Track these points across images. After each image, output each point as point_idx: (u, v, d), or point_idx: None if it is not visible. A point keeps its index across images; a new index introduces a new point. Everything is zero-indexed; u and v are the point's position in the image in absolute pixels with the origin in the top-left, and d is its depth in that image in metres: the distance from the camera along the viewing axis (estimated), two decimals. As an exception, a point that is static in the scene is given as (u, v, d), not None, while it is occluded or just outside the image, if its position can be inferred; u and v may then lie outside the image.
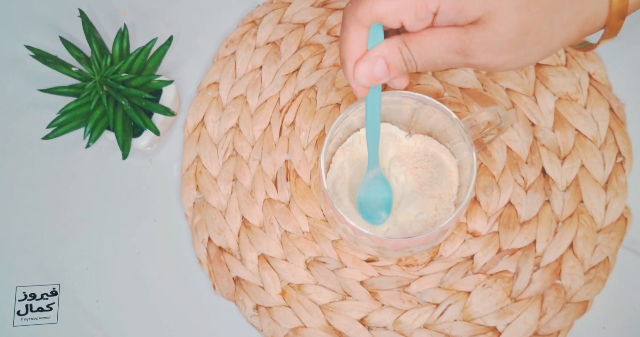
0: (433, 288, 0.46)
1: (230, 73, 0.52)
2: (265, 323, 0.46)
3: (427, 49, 0.31)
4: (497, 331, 0.45)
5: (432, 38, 0.31)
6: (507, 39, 0.30)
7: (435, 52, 0.31)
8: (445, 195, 0.44)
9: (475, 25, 0.30)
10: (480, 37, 0.30)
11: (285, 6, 0.53)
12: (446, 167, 0.44)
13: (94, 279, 0.48)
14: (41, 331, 0.47)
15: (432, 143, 0.45)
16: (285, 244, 0.47)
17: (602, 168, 0.47)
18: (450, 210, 0.43)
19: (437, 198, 0.44)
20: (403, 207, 0.44)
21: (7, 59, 0.53)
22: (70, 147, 0.51)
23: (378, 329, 0.45)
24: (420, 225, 0.43)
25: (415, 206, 0.43)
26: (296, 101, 0.50)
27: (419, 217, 0.43)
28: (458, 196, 0.44)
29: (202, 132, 0.50)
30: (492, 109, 0.40)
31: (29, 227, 0.49)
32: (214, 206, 0.48)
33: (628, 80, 0.50)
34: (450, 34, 0.31)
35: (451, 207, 0.43)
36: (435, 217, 0.43)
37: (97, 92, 0.45)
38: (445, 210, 0.43)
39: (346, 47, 0.32)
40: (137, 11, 0.54)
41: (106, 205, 0.50)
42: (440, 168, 0.44)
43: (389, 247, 0.42)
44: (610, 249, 0.46)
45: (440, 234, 0.42)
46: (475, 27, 0.30)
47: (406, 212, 0.43)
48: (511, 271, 0.46)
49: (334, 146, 0.45)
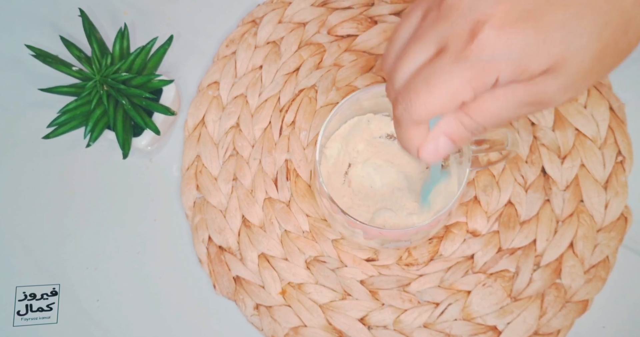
0: (433, 287, 0.46)
1: (230, 72, 0.52)
2: (266, 322, 0.46)
3: (493, 112, 0.28)
4: (497, 330, 0.45)
5: (496, 101, 0.27)
6: (584, 72, 0.27)
7: (503, 112, 0.28)
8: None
9: (545, 75, 0.26)
10: (555, 85, 0.27)
11: (285, 6, 0.53)
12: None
13: (94, 279, 0.48)
14: (41, 331, 0.47)
15: None
16: (286, 244, 0.47)
17: (602, 167, 0.47)
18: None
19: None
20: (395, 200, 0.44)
21: (7, 58, 0.53)
22: (70, 146, 0.51)
23: (378, 329, 0.45)
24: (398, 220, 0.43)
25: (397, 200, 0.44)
26: (296, 101, 0.51)
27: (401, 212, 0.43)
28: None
29: (202, 132, 0.50)
30: (501, 129, 0.39)
31: (29, 227, 0.49)
32: (214, 205, 0.48)
33: (628, 80, 0.50)
34: (516, 91, 0.27)
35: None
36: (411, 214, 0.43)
37: (97, 91, 0.45)
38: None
39: (413, 143, 0.30)
40: (138, 11, 0.54)
41: (106, 205, 0.50)
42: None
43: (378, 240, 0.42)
44: (610, 249, 0.46)
45: (414, 233, 0.41)
46: (545, 77, 0.26)
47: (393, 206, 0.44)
48: (511, 270, 0.46)
49: (326, 138, 0.45)
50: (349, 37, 0.52)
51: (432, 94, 0.27)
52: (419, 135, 0.29)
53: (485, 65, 0.26)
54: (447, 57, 0.26)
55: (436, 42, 0.27)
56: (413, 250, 0.46)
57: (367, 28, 0.52)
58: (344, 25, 0.52)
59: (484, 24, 0.25)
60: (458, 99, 0.27)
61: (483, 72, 0.26)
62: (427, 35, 0.27)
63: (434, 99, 0.27)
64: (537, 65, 0.26)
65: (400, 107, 0.28)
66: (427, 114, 0.27)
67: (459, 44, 0.26)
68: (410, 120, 0.28)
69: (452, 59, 0.26)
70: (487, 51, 0.25)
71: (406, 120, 0.28)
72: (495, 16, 0.25)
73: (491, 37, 0.25)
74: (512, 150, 0.39)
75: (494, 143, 0.39)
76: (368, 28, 0.52)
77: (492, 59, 0.25)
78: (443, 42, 0.26)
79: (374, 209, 0.44)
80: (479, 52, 0.25)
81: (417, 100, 0.27)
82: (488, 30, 0.25)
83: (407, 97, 0.27)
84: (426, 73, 0.27)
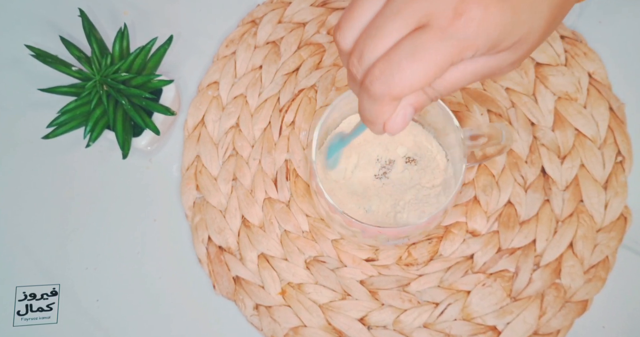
0: (433, 287, 0.46)
1: (230, 73, 0.52)
2: (265, 322, 0.46)
3: (453, 82, 0.29)
4: (496, 330, 0.45)
5: (458, 72, 0.29)
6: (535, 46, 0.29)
7: (460, 82, 0.29)
8: (427, 186, 0.44)
9: (506, 51, 0.28)
10: (510, 59, 0.29)
11: (285, 6, 0.53)
12: (433, 159, 0.44)
13: (94, 279, 0.48)
14: (41, 331, 0.47)
15: (424, 135, 0.45)
16: (285, 244, 0.47)
17: (602, 167, 0.47)
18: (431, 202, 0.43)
19: (416, 189, 0.44)
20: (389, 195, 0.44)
21: (7, 58, 0.53)
22: (70, 146, 0.51)
23: (378, 329, 0.45)
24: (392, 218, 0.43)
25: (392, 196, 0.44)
26: (296, 101, 0.51)
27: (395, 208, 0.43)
28: (444, 191, 0.44)
29: (202, 132, 0.50)
30: (496, 124, 0.40)
31: (29, 227, 0.49)
32: (214, 205, 0.48)
33: (628, 80, 0.50)
34: (477, 64, 0.28)
35: (434, 201, 0.43)
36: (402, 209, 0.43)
37: (97, 91, 0.45)
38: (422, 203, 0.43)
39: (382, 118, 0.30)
40: (137, 11, 0.54)
41: (106, 205, 0.50)
42: (427, 159, 0.44)
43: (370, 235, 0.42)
44: (609, 249, 0.46)
45: (413, 230, 0.42)
46: (505, 53, 0.28)
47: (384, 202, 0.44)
48: (511, 270, 0.46)
49: (326, 134, 0.45)
50: (349, 37, 0.52)
51: (417, 68, 0.27)
52: (389, 110, 0.29)
53: (468, 42, 0.27)
54: (432, 33, 0.26)
55: (417, 18, 0.27)
56: (413, 250, 0.46)
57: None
58: (343, 25, 0.52)
59: (469, 3, 0.26)
60: (440, 73, 0.27)
61: (465, 48, 0.27)
62: (405, 11, 0.27)
63: (419, 73, 0.27)
64: (507, 43, 0.27)
65: (377, 83, 0.28)
66: (411, 88, 0.27)
67: (444, 21, 0.26)
68: (389, 95, 0.28)
69: (438, 35, 0.26)
70: (472, 29, 0.26)
71: (383, 95, 0.28)
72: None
73: (477, 16, 0.26)
74: (507, 145, 0.40)
75: (490, 137, 0.40)
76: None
77: (476, 37, 0.26)
78: (425, 19, 0.27)
79: (368, 205, 0.44)
80: (465, 29, 0.26)
81: (401, 74, 0.27)
82: (475, 9, 0.26)
83: (389, 72, 0.27)
84: (409, 48, 0.27)
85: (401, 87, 0.27)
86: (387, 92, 0.28)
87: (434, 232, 0.47)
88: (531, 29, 0.28)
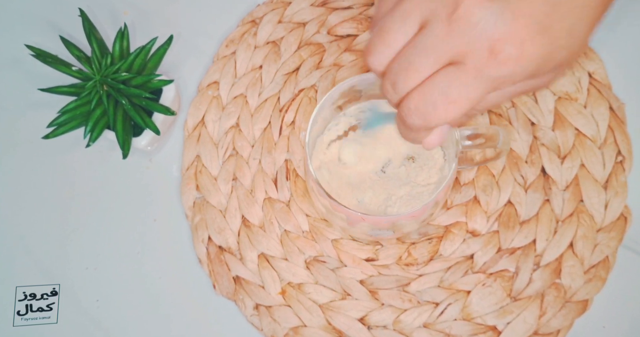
0: (433, 287, 0.46)
1: (230, 72, 0.52)
2: (265, 322, 0.46)
3: (493, 102, 0.29)
4: (496, 330, 0.45)
5: (496, 97, 0.29)
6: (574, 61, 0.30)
7: (501, 101, 0.30)
8: (422, 184, 0.44)
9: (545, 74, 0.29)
10: (551, 78, 0.29)
11: (285, 6, 0.53)
12: (431, 157, 0.44)
13: (94, 279, 0.48)
14: (41, 331, 0.47)
15: None
16: (285, 244, 0.47)
17: (602, 167, 0.47)
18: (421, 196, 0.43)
19: (410, 185, 0.44)
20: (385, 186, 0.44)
21: (7, 58, 0.53)
22: (70, 146, 0.51)
23: (378, 329, 0.45)
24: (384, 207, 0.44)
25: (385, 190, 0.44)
26: (296, 100, 0.51)
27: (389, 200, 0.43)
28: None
29: (202, 132, 0.50)
30: (494, 127, 0.40)
31: (29, 227, 0.49)
32: (214, 205, 0.48)
33: (628, 79, 0.50)
34: (516, 88, 0.28)
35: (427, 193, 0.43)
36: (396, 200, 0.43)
37: (97, 91, 0.45)
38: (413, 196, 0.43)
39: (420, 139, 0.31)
40: (137, 11, 0.54)
41: (106, 205, 0.50)
42: (424, 158, 0.44)
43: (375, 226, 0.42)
44: (610, 248, 0.46)
45: (396, 221, 0.42)
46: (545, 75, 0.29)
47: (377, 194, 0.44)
48: (511, 270, 0.46)
49: (319, 128, 0.45)
50: (349, 37, 0.52)
51: (451, 108, 0.27)
52: (426, 134, 0.30)
53: (505, 79, 0.27)
54: (466, 72, 0.27)
55: (450, 56, 0.27)
56: (413, 250, 0.46)
57: (367, 28, 0.52)
58: (343, 25, 0.52)
59: (504, 42, 0.26)
60: (476, 105, 0.28)
61: (501, 84, 0.27)
62: (439, 48, 0.27)
63: (454, 110, 0.27)
64: (546, 69, 0.27)
65: (413, 117, 0.28)
66: (446, 121, 0.28)
67: (479, 61, 0.26)
68: (425, 127, 0.29)
69: (472, 74, 0.26)
70: (509, 68, 0.26)
71: (419, 127, 0.29)
72: (514, 34, 0.26)
73: (513, 55, 0.26)
74: (503, 149, 0.39)
75: (488, 139, 0.40)
76: (368, 28, 0.52)
77: (512, 74, 0.26)
78: (459, 57, 0.27)
79: (362, 196, 0.44)
80: (501, 69, 0.26)
81: (436, 111, 0.28)
82: (510, 47, 0.26)
83: (424, 109, 0.28)
84: (443, 85, 0.27)
85: (436, 122, 0.28)
86: (422, 125, 0.28)
87: (434, 232, 0.47)
88: (571, 51, 0.27)
